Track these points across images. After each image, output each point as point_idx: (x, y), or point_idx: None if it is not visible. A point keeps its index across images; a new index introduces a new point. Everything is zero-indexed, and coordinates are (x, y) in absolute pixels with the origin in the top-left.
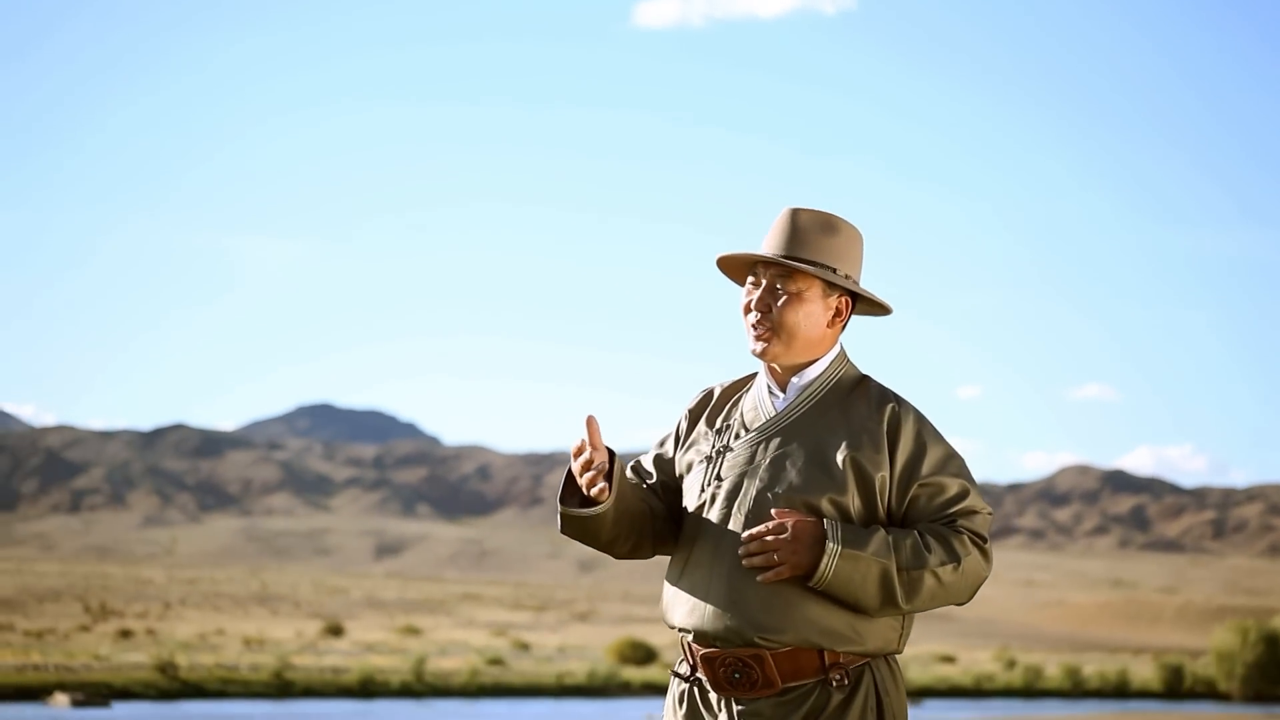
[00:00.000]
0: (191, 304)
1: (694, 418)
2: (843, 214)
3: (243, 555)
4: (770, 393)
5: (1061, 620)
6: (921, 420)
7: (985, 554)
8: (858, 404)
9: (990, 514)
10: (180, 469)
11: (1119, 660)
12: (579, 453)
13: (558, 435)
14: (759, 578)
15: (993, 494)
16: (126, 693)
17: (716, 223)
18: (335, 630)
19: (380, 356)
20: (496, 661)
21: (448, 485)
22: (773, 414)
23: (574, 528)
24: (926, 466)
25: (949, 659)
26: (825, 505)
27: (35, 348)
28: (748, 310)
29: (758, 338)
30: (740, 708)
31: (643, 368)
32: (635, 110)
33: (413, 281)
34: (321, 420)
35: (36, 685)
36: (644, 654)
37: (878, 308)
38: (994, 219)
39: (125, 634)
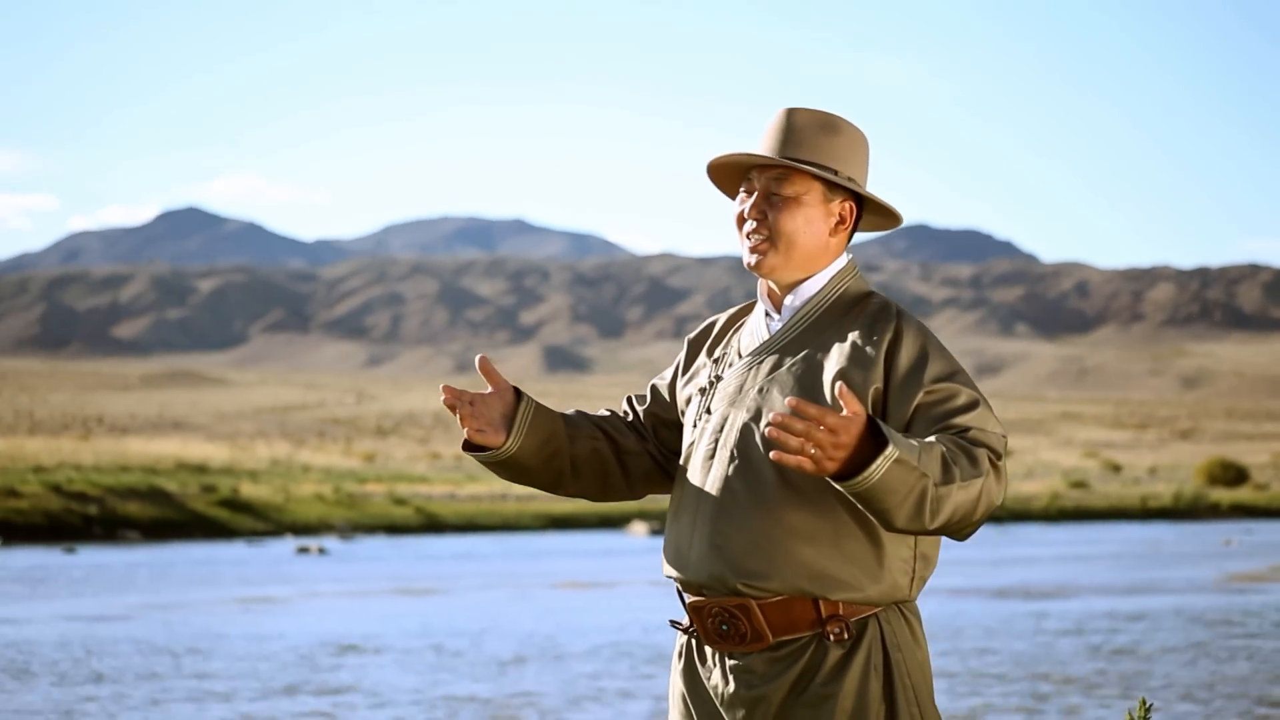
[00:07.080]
0: None
1: (694, 349)
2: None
3: None
4: (766, 315)
5: None
6: (926, 333)
7: (1000, 477)
8: (856, 319)
9: (1004, 436)
10: None
11: None
12: (450, 407)
13: (1158, 250)
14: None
15: None
16: None
17: None
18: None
19: (977, 173)
20: (1079, 485)
21: (1046, 303)
22: (766, 337)
23: (494, 470)
24: (930, 374)
25: None
26: None
27: (639, 181)
28: (741, 221)
29: (753, 249)
30: (732, 663)
31: None
32: None
33: (999, 99)
34: (918, 240)
35: (617, 515)
36: (1234, 474)
37: (885, 217)
38: None
39: None
